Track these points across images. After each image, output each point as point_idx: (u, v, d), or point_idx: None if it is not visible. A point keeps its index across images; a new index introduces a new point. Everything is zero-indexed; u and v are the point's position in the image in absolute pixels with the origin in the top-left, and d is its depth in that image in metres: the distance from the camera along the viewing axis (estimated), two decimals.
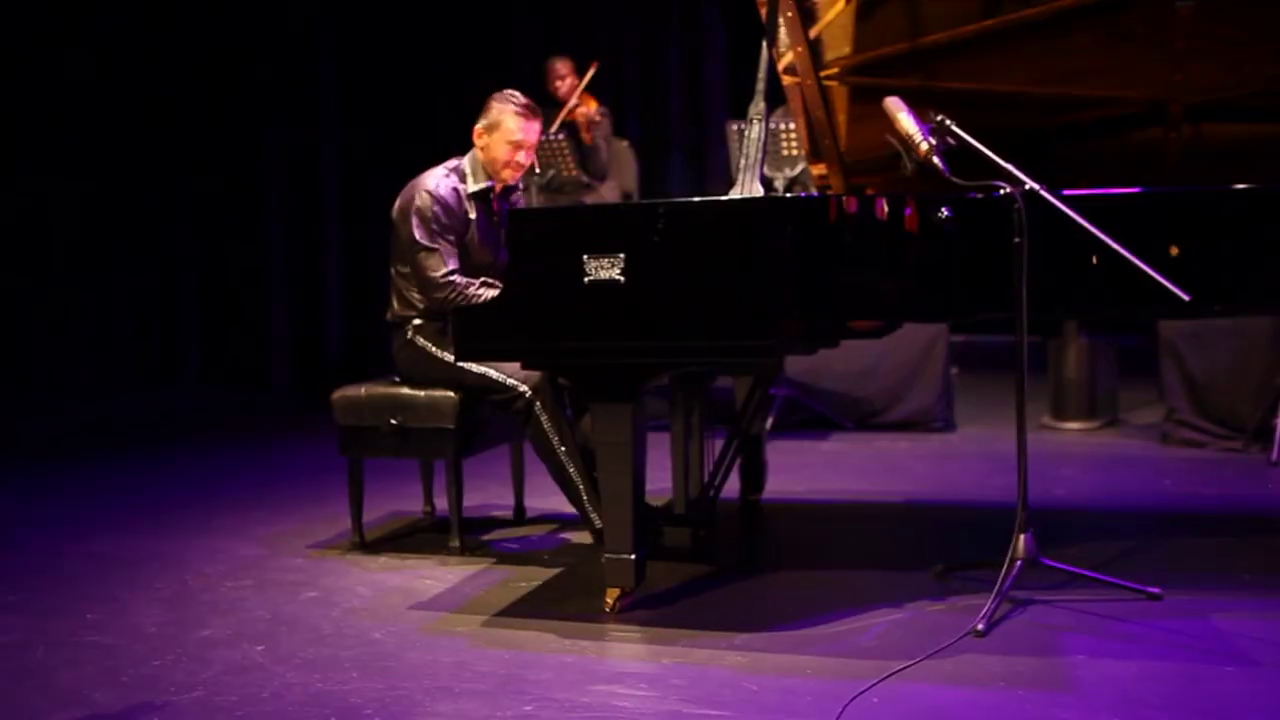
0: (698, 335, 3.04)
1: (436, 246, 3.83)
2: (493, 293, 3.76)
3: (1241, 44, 3.82)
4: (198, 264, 8.68)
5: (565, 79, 6.85)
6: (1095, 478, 4.86)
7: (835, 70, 4.08)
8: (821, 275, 3.08)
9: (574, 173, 6.31)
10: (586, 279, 3.07)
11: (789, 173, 5.84)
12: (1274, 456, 4.94)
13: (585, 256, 3.08)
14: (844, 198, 3.20)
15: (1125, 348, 6.27)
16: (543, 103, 6.98)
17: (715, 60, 8.81)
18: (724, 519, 4.23)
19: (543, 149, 6.18)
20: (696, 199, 3.09)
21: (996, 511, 4.13)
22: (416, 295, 3.92)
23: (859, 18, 3.95)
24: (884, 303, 3.29)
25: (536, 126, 3.92)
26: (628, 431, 3.14)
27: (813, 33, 3.94)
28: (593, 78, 6.71)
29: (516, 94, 3.93)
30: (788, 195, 3.20)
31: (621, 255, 3.05)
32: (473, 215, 3.93)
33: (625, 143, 7.08)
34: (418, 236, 3.83)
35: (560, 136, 6.23)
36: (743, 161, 3.23)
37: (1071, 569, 3.22)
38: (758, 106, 3.30)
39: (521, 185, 4.11)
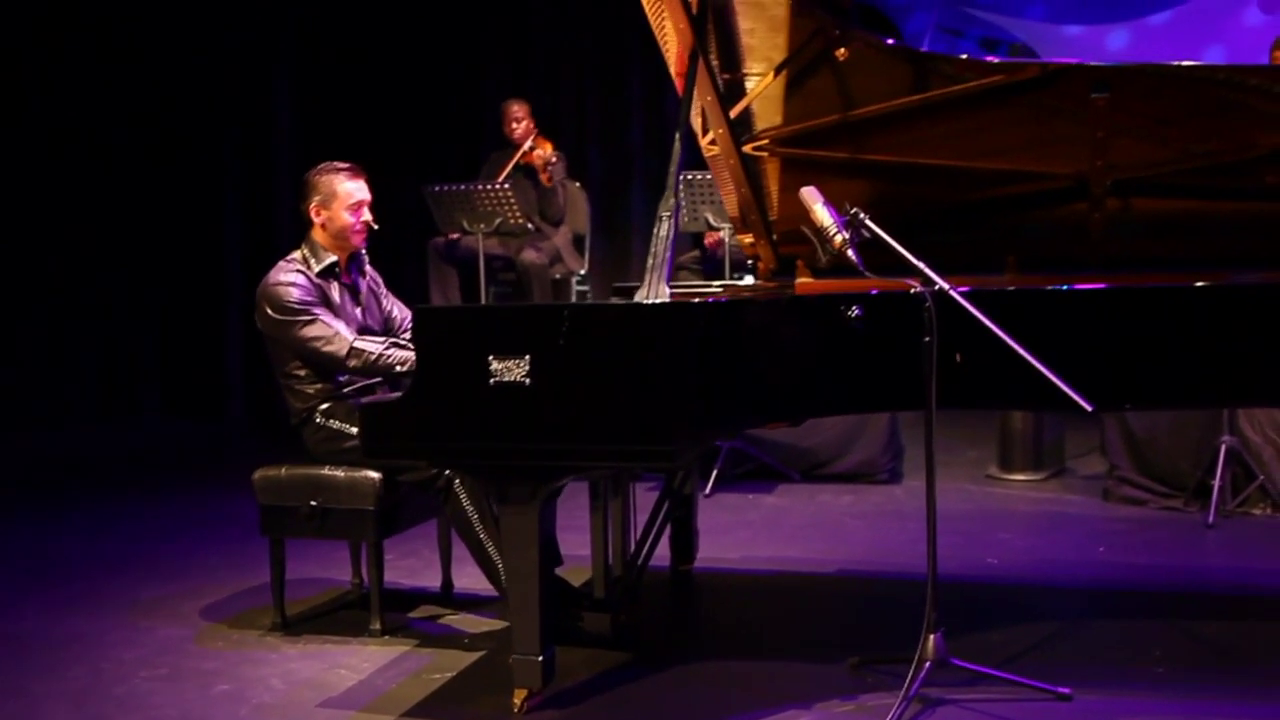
0: (600, 440, 3.02)
1: (313, 315, 3.86)
2: (403, 353, 3.78)
3: (1168, 122, 3.82)
4: (158, 298, 8.63)
5: (521, 122, 6.84)
6: (1030, 543, 4.85)
7: (766, 141, 4.07)
8: (727, 381, 3.07)
9: (520, 220, 6.28)
10: (492, 380, 3.05)
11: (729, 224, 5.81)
12: (1210, 519, 4.94)
13: (491, 358, 3.05)
14: (750, 302, 3.18)
15: None
16: (499, 145, 7.03)
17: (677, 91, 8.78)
18: (651, 591, 4.21)
19: (488, 198, 6.16)
20: (600, 303, 3.07)
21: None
22: (313, 388, 3.93)
23: (789, 89, 3.95)
24: (792, 404, 3.27)
25: (364, 183, 4.02)
26: (533, 533, 3.13)
27: (738, 108, 3.93)
28: (543, 123, 6.74)
29: (333, 162, 4.04)
30: (694, 301, 3.17)
31: (527, 357, 3.03)
32: (330, 292, 3.97)
33: (577, 184, 7.07)
34: (288, 319, 3.85)
35: (506, 185, 6.20)
36: (650, 261, 3.19)
37: (981, 669, 3.21)
38: (667, 203, 3.27)
39: (366, 256, 4.14)
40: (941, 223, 4.22)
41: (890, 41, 3.69)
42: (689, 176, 5.98)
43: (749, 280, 4.32)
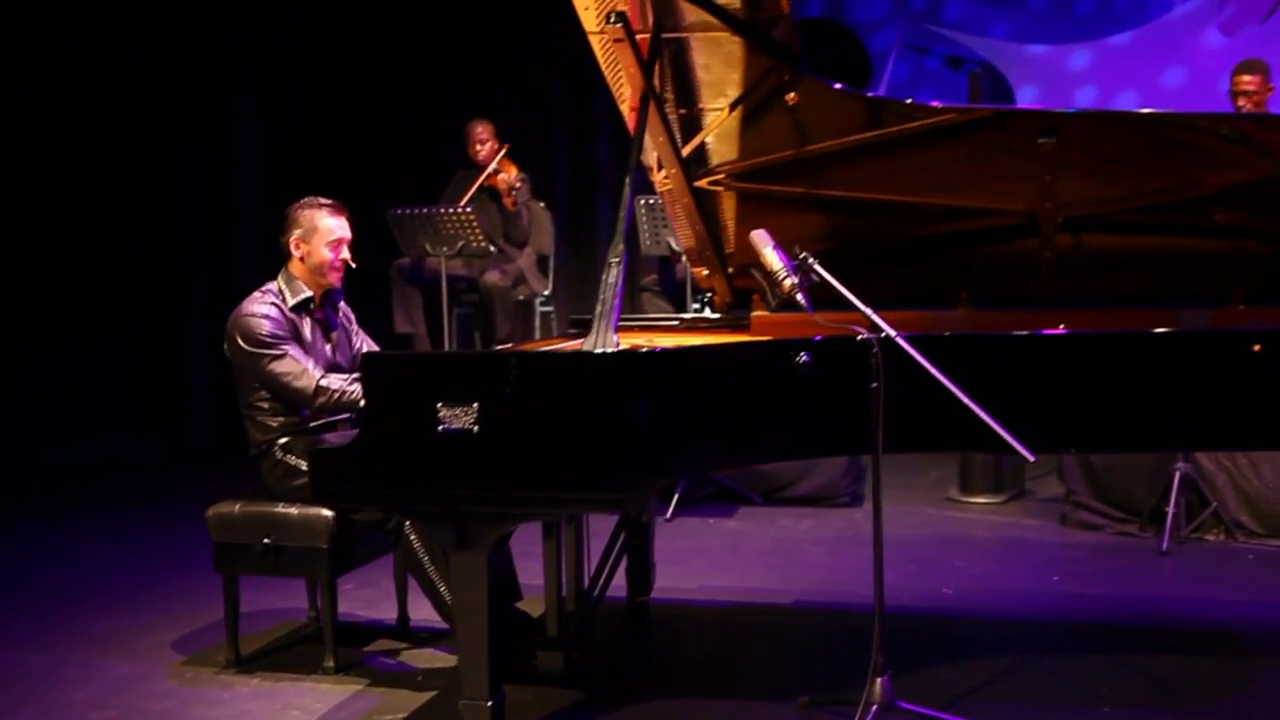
0: (547, 487, 3.04)
1: (282, 350, 3.85)
2: None
3: (1118, 161, 3.86)
4: (125, 316, 8.58)
5: (485, 143, 6.84)
6: (986, 571, 4.88)
7: (722, 175, 4.09)
8: (675, 429, 3.08)
9: (482, 243, 6.28)
10: (440, 427, 3.05)
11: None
12: (1164, 545, 4.99)
13: (439, 405, 3.06)
14: (697, 349, 3.20)
15: None
16: (466, 163, 7.01)
17: None
18: (607, 624, 4.22)
19: (451, 221, 6.16)
20: (548, 351, 3.08)
21: (885, 617, 4.13)
22: (275, 420, 3.92)
23: (744, 125, 3.96)
24: (741, 449, 3.29)
25: (346, 221, 4.03)
26: (482, 578, 3.13)
27: (692, 145, 3.94)
28: (509, 137, 6.75)
29: (317, 197, 4.04)
30: (640, 350, 3.18)
31: (475, 405, 3.04)
32: (302, 327, 3.97)
33: (541, 205, 7.07)
34: (258, 351, 3.85)
35: (469, 209, 6.20)
36: (599, 308, 3.19)
37: (927, 711, 3.23)
38: (616, 249, 3.26)
39: (341, 295, 4.15)
40: (896, 257, 4.25)
41: (838, 86, 3.68)
42: (650, 200, 5.99)
43: (707, 312, 4.34)
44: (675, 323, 4.31)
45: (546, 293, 6.99)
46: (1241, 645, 3.96)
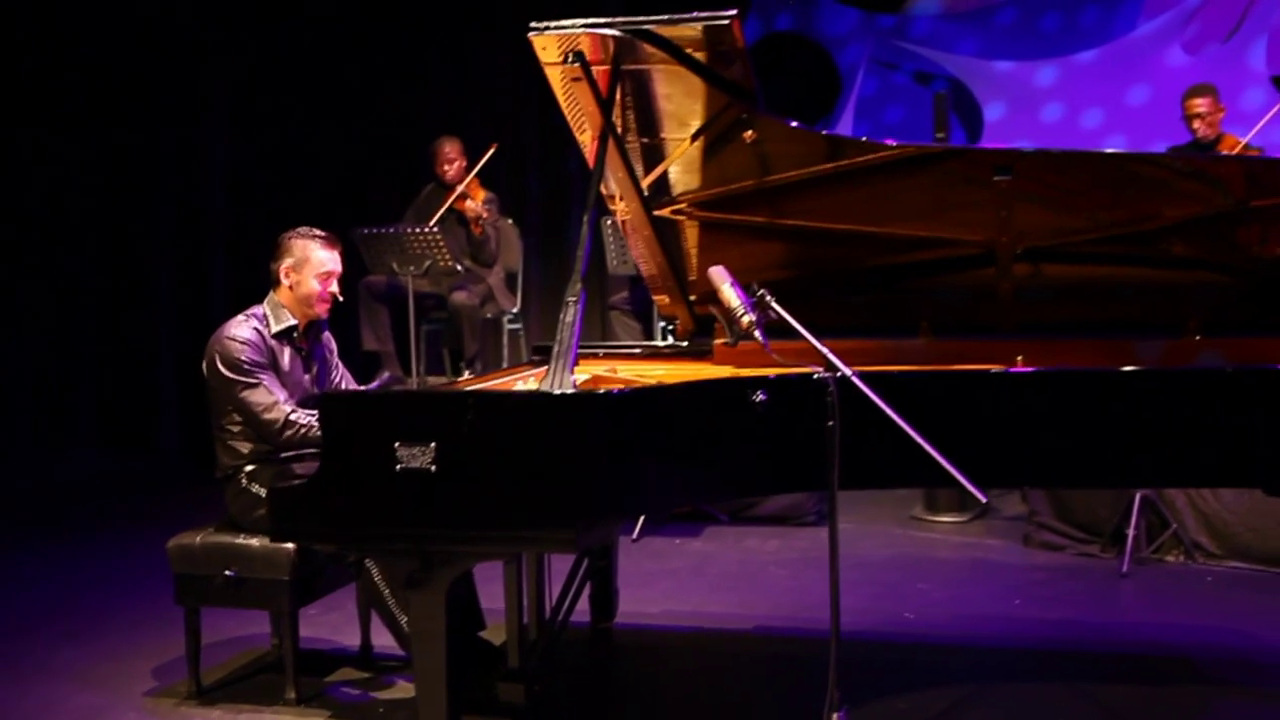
0: (504, 526, 3.05)
1: (257, 380, 3.85)
2: None
3: (1076, 193, 3.90)
4: (91, 324, 8.54)
5: (454, 162, 6.82)
6: (949, 594, 4.91)
7: (684, 204, 4.11)
8: (631, 469, 3.09)
9: (450, 263, 6.28)
10: (398, 467, 3.06)
11: None
12: (1124, 568, 5.04)
13: (397, 444, 3.06)
14: (654, 389, 3.22)
15: None
16: (436, 177, 6.98)
17: None
18: (570, 650, 4.23)
19: (418, 241, 6.16)
20: (505, 392, 3.09)
21: (845, 644, 4.16)
22: (245, 446, 3.92)
23: (706, 154, 3.98)
24: (698, 489, 3.31)
25: (339, 255, 4.04)
26: (440, 619, 3.14)
27: (652, 177, 3.96)
28: (480, 150, 6.74)
29: (312, 228, 4.04)
30: (598, 391, 3.19)
31: (432, 445, 3.04)
32: (281, 356, 3.98)
33: (509, 221, 7.07)
34: (233, 377, 3.86)
35: (435, 230, 6.20)
36: (556, 348, 3.20)
37: None
38: (574, 288, 3.28)
39: (325, 326, 4.16)
40: (858, 285, 4.28)
41: (794, 124, 3.71)
42: (611, 222, 6.00)
43: (670, 341, 4.37)
44: (637, 350, 4.32)
45: (515, 310, 6.99)
46: (1196, 673, 4.01)
